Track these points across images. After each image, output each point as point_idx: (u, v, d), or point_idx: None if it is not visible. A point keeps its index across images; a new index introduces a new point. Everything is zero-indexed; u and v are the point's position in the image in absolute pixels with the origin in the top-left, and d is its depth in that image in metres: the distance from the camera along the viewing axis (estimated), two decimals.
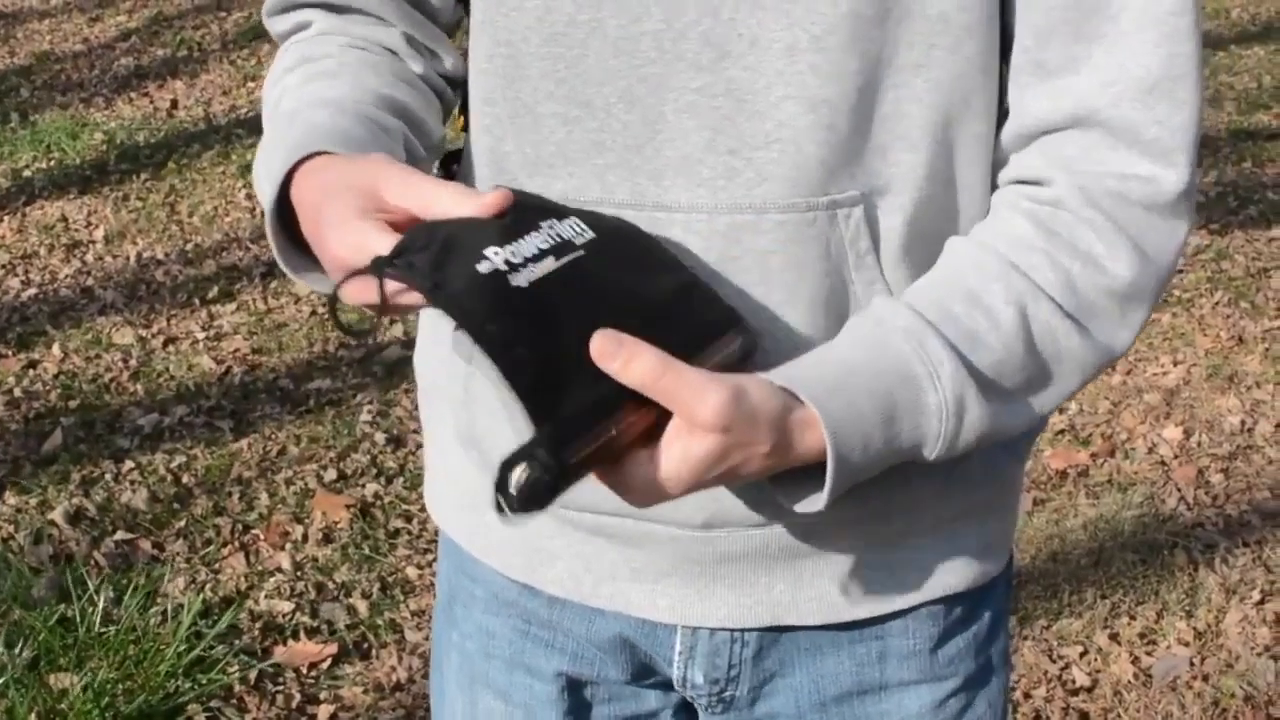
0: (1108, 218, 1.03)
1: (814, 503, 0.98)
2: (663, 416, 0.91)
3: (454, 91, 1.23)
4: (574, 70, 1.04)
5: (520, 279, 0.91)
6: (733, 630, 1.17)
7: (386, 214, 0.95)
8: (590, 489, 1.10)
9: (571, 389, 0.89)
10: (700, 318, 0.99)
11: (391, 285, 0.92)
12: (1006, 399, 1.03)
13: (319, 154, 1.01)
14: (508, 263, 0.92)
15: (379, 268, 0.91)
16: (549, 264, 0.93)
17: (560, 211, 0.98)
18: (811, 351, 1.01)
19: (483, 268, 0.91)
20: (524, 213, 0.96)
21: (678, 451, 0.91)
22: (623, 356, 0.89)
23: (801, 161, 1.01)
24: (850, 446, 0.95)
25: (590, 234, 0.98)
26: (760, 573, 1.12)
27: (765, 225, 1.02)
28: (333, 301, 0.94)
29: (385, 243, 0.93)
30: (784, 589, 1.14)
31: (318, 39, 1.18)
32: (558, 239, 0.95)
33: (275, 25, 1.22)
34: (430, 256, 0.91)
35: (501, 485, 0.86)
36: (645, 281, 0.99)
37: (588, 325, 0.92)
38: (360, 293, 0.93)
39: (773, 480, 0.99)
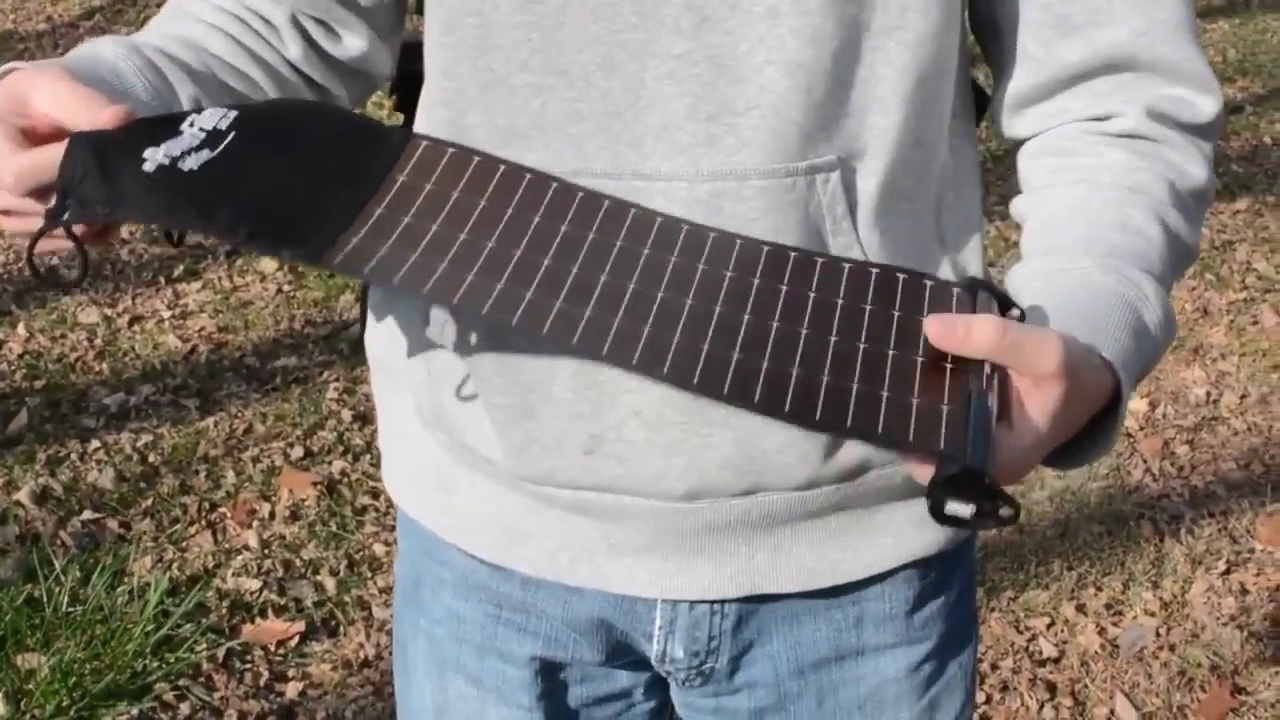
0: (1176, 132, 1.11)
1: (1086, 457, 0.97)
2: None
3: (357, 80, 1.25)
4: (549, 39, 1.02)
5: (188, 164, 0.95)
6: (713, 602, 1.17)
7: (31, 120, 0.98)
8: (570, 465, 1.09)
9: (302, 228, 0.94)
10: (366, 143, 1.04)
11: (78, 229, 0.95)
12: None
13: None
14: (168, 156, 0.95)
15: (56, 219, 0.94)
16: (206, 154, 0.97)
17: (194, 110, 1.03)
18: (1032, 306, 0.99)
19: (148, 167, 0.94)
20: (159, 121, 1.00)
21: (1036, 408, 0.88)
22: (960, 330, 0.88)
23: (780, 127, 1.01)
24: (1130, 384, 0.96)
25: (233, 114, 1.02)
26: (740, 542, 1.12)
27: (746, 192, 1.01)
28: (29, 253, 0.97)
29: (6, 150, 0.96)
30: (764, 557, 1.13)
31: None
32: (205, 131, 0.99)
33: None
34: (94, 182, 0.93)
35: (939, 504, 0.84)
36: (305, 130, 1.03)
37: (273, 180, 0.96)
38: (58, 245, 0.98)
39: None
